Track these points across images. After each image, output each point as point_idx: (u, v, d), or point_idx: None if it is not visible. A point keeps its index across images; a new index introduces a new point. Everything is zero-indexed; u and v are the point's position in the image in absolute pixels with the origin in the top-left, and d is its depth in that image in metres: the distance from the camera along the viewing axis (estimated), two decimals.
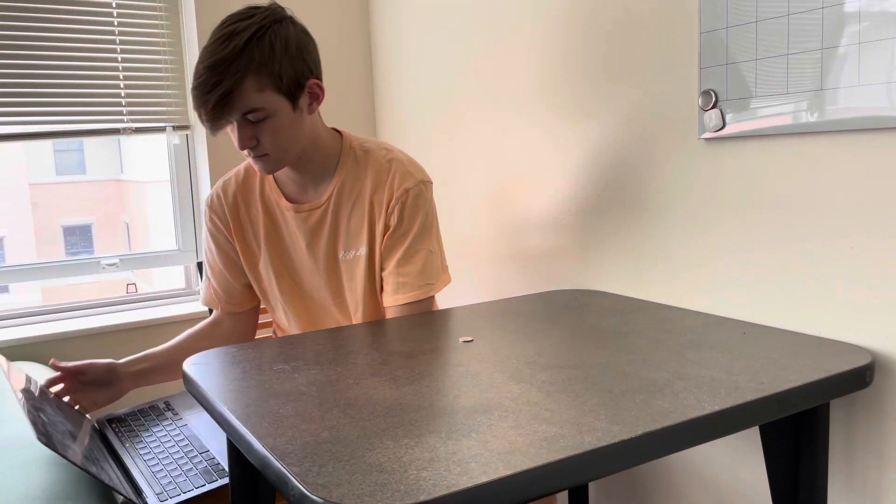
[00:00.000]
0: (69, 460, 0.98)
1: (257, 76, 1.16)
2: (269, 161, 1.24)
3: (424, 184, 1.31)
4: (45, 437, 0.98)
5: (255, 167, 1.28)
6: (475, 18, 1.81)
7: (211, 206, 1.40)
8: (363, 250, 1.32)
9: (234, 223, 1.38)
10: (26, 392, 1.13)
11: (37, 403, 1.11)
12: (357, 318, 1.36)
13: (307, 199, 1.34)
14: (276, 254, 1.37)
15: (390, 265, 1.30)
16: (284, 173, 1.34)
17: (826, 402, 1.00)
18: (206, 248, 1.43)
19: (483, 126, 1.82)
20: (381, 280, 1.33)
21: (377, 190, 1.30)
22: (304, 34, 1.23)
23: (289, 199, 1.35)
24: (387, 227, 1.29)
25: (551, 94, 1.59)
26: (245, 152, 1.23)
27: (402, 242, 1.29)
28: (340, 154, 1.33)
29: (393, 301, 1.29)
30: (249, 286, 1.44)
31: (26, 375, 1.24)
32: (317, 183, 1.33)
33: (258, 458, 0.73)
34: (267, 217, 1.37)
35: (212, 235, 1.41)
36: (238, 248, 1.40)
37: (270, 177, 1.36)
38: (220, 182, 1.41)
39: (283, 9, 1.23)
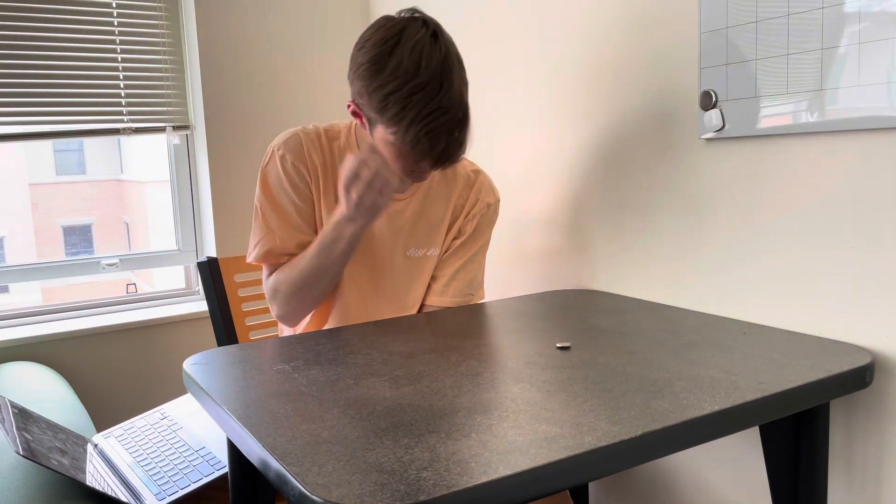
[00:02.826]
0: (54, 470, 0.98)
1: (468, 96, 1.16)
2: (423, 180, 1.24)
3: (499, 203, 1.40)
4: (27, 451, 0.98)
5: (400, 185, 1.20)
6: (474, 20, 1.81)
7: (293, 151, 1.25)
8: (434, 251, 1.35)
9: (313, 174, 1.27)
10: (8, 413, 1.13)
11: (19, 423, 1.11)
12: (408, 311, 1.37)
13: None
14: None
15: (450, 269, 1.36)
16: None
17: (826, 402, 1.00)
18: (272, 200, 1.26)
19: (482, 126, 1.82)
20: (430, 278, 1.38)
21: (462, 194, 1.36)
22: None
23: None
24: (460, 231, 1.37)
25: (551, 94, 1.59)
26: (406, 173, 1.18)
27: (468, 251, 1.37)
28: None
29: (439, 302, 1.36)
30: None
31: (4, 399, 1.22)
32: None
33: (258, 458, 0.73)
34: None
35: (292, 182, 1.25)
36: (314, 201, 1.29)
37: (356, 149, 1.29)
38: (295, 130, 1.28)
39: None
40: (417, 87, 1.07)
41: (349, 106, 1.19)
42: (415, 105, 1.07)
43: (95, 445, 1.32)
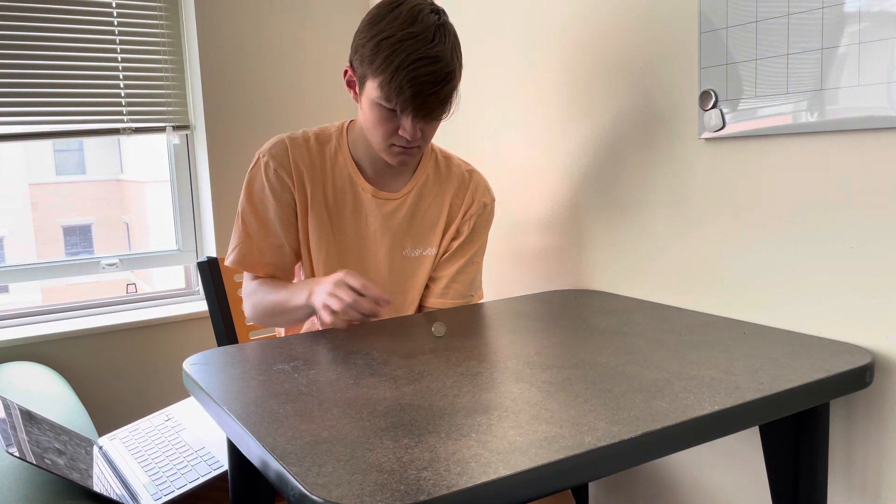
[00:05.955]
0: (44, 469, 0.98)
1: (460, 71, 1.17)
2: (415, 154, 1.23)
3: (494, 203, 1.41)
4: (19, 450, 0.98)
5: (394, 160, 1.22)
6: (474, 19, 1.81)
7: (276, 158, 1.26)
8: (431, 250, 1.35)
9: (297, 182, 1.27)
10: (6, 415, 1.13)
11: (17, 423, 1.11)
12: (405, 312, 1.37)
13: (382, 187, 1.32)
14: (332, 230, 1.30)
15: (449, 271, 1.36)
16: (368, 155, 1.29)
17: (826, 402, 1.00)
18: (254, 206, 1.27)
19: (482, 126, 1.82)
20: (429, 279, 1.38)
21: (458, 194, 1.36)
22: None
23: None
24: (458, 232, 1.37)
25: (550, 94, 1.59)
26: (387, 144, 1.19)
27: (466, 252, 1.37)
28: (422, 154, 1.35)
29: (440, 304, 1.37)
30: (297, 254, 1.32)
31: (4, 400, 1.22)
32: (395, 175, 1.32)
33: (258, 458, 0.73)
34: (334, 191, 1.30)
35: (273, 191, 1.26)
36: (298, 209, 1.29)
37: (347, 151, 1.30)
38: (282, 137, 1.28)
39: None
40: (410, 34, 1.10)
41: (345, 73, 1.22)
42: (404, 50, 1.09)
43: (101, 448, 1.32)
